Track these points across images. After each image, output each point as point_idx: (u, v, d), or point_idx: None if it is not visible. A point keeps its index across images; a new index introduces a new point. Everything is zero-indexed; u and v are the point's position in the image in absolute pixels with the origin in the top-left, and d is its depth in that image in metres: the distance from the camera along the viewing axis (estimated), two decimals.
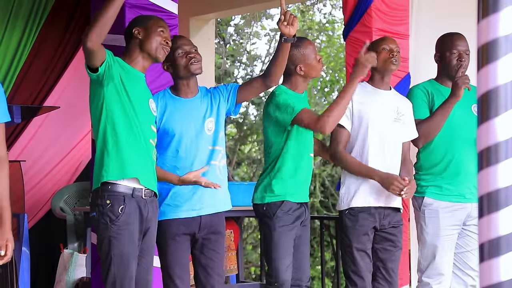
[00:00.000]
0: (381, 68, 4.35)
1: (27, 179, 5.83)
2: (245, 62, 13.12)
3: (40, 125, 6.09)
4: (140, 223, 3.57)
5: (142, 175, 3.57)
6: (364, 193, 4.27)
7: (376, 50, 4.33)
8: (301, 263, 4.20)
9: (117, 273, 3.51)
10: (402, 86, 4.88)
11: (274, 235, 4.08)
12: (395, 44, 4.38)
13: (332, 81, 12.75)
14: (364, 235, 4.27)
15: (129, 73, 3.60)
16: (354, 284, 4.27)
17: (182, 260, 3.82)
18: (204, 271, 3.86)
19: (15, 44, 5.75)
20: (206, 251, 3.86)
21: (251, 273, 11.95)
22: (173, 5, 4.57)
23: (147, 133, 3.62)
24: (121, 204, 3.52)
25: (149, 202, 3.60)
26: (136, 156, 3.56)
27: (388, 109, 4.36)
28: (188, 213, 3.83)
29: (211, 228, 3.87)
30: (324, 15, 13.18)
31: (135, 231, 3.54)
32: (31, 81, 5.91)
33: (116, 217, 3.51)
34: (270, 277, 4.11)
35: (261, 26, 12.65)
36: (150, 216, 3.61)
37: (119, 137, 3.54)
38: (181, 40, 3.92)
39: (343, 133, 4.30)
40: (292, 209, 4.12)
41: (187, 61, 3.85)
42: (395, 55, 4.32)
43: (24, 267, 5.21)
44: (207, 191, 3.82)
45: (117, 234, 3.51)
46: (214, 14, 7.19)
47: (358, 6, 5.02)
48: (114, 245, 3.51)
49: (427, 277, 4.44)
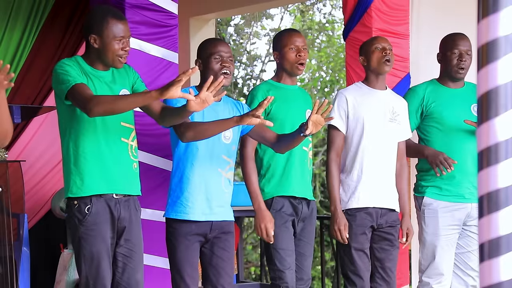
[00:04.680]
0: (374, 68, 4.34)
1: (27, 179, 5.83)
2: (245, 62, 13.13)
3: (40, 125, 6.08)
4: (111, 223, 3.54)
5: (106, 185, 3.52)
6: (361, 194, 4.27)
7: (368, 50, 4.33)
8: (301, 263, 4.18)
9: (88, 273, 3.50)
10: (402, 86, 4.88)
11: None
12: (387, 43, 4.37)
13: (332, 81, 12.75)
14: (362, 235, 4.26)
15: (88, 76, 3.55)
16: (353, 284, 4.27)
17: (193, 259, 3.78)
18: (215, 270, 3.82)
19: (15, 44, 5.75)
20: (217, 250, 3.82)
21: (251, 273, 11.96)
22: (173, 5, 4.56)
23: (116, 133, 3.56)
24: (88, 204, 3.50)
25: (121, 201, 3.57)
26: (99, 167, 3.51)
27: (383, 109, 4.35)
28: (199, 217, 3.78)
29: (222, 228, 3.84)
30: (324, 15, 13.19)
31: (106, 230, 3.51)
32: (31, 81, 5.91)
33: (83, 217, 3.49)
34: (275, 280, 4.07)
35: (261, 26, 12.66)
36: (123, 215, 3.57)
37: (79, 151, 3.51)
38: (222, 46, 3.83)
39: (337, 136, 4.30)
40: (285, 206, 4.08)
41: (220, 69, 3.80)
42: (388, 53, 4.31)
43: (24, 267, 5.21)
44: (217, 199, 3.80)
45: (85, 234, 3.49)
46: (214, 14, 7.19)
47: (358, 6, 5.02)
48: (83, 246, 3.50)
49: (427, 277, 4.44)
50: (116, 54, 3.52)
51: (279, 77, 4.23)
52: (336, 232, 4.20)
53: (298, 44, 4.16)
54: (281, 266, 4.05)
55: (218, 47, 3.81)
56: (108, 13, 3.58)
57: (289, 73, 4.20)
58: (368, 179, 4.27)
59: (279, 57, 4.20)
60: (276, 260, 4.05)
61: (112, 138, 3.56)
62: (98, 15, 3.58)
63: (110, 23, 3.53)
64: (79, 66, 3.55)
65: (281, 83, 4.22)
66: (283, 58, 4.18)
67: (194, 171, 3.77)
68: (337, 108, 4.30)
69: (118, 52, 3.52)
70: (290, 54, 4.15)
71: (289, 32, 4.31)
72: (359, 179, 4.27)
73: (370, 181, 4.27)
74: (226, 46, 3.87)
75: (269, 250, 4.09)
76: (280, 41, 4.20)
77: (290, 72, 4.19)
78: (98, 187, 3.52)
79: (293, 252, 4.10)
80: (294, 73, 4.19)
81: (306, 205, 4.18)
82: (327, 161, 4.31)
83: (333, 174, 4.25)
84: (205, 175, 3.78)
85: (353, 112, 4.30)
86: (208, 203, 3.79)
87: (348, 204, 4.27)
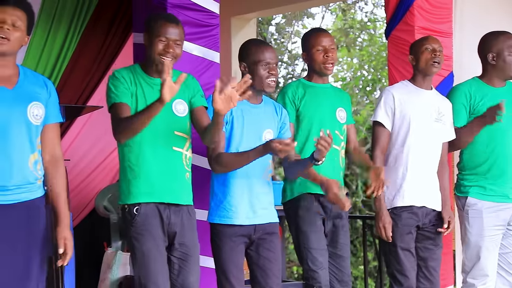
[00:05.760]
0: (422, 69, 4.31)
1: (71, 178, 5.88)
2: (286, 61, 13.12)
3: (84, 124, 6.15)
4: (161, 226, 3.54)
5: (152, 195, 3.53)
6: (406, 192, 4.25)
7: (418, 50, 4.31)
8: (340, 265, 4.15)
9: (139, 272, 3.51)
10: (445, 85, 4.84)
11: (300, 236, 4.05)
12: (438, 44, 4.34)
13: (374, 79, 12.68)
14: (407, 234, 4.25)
15: (141, 85, 3.57)
16: (399, 284, 4.25)
17: (238, 260, 3.78)
18: (262, 271, 3.82)
19: (59, 46, 5.81)
20: (262, 251, 3.82)
21: (293, 272, 11.94)
22: (214, 5, 4.57)
23: (167, 143, 3.55)
24: (136, 206, 3.52)
25: (171, 207, 3.56)
26: (145, 176, 3.52)
27: (429, 109, 4.33)
28: (243, 221, 3.78)
29: (265, 229, 3.84)
30: (365, 13, 13.13)
31: (156, 230, 3.52)
32: (75, 81, 5.97)
33: (133, 218, 3.51)
34: (308, 280, 4.05)
35: (302, 25, 12.63)
36: (174, 221, 3.56)
37: (126, 160, 3.54)
38: (269, 52, 3.83)
39: (383, 134, 4.28)
40: (313, 204, 4.05)
41: (267, 77, 3.80)
42: (438, 55, 4.28)
43: (69, 265, 5.26)
44: (261, 202, 3.80)
45: (136, 233, 3.51)
46: (255, 13, 7.19)
47: (400, 4, 4.98)
48: (135, 246, 3.52)
49: (472, 278, 4.39)
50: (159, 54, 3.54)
51: (310, 77, 4.22)
52: (381, 230, 4.19)
53: (325, 44, 4.13)
54: (313, 266, 4.02)
55: (266, 53, 3.81)
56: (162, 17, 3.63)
57: (318, 73, 4.19)
58: (413, 177, 4.25)
59: (307, 58, 4.18)
60: (308, 260, 4.03)
61: (163, 147, 3.55)
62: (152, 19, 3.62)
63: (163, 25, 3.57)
64: (132, 76, 3.56)
65: (312, 82, 4.21)
66: (311, 59, 4.16)
67: (236, 174, 3.77)
68: (383, 105, 4.28)
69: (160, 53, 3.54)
70: (317, 55, 4.13)
71: (316, 32, 4.26)
72: (404, 177, 4.25)
73: (414, 180, 4.25)
74: (273, 52, 3.86)
75: (301, 250, 4.07)
76: (308, 42, 4.18)
77: (319, 72, 4.18)
78: (143, 197, 3.53)
79: (325, 251, 4.07)
80: (323, 73, 4.17)
81: None
82: (371, 158, 4.29)
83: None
84: (247, 177, 3.79)
85: (399, 110, 4.27)
86: (251, 206, 3.79)
87: (393, 202, 4.26)
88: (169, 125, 3.55)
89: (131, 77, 3.56)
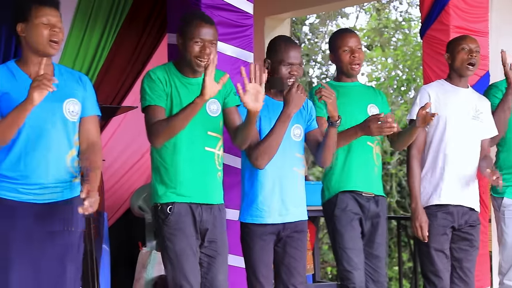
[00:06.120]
0: (457, 68, 4.29)
1: (106, 178, 5.92)
2: (320, 62, 13.08)
3: (119, 125, 6.18)
4: (193, 224, 3.54)
5: (184, 195, 3.53)
6: (442, 191, 4.22)
7: (454, 49, 4.28)
8: (376, 265, 4.13)
9: (172, 273, 3.51)
10: (481, 84, 4.80)
11: (336, 236, 4.04)
12: (475, 44, 4.30)
13: (409, 79, 12.60)
14: (442, 235, 4.22)
15: (176, 86, 3.57)
16: (433, 285, 4.22)
17: (268, 260, 3.79)
18: (287, 269, 3.82)
19: (95, 45, 5.85)
20: (289, 249, 3.82)
21: (328, 273, 11.91)
22: (248, 5, 4.58)
23: (200, 143, 3.56)
24: (169, 205, 3.53)
25: (203, 206, 3.57)
26: (177, 177, 3.52)
27: (466, 107, 4.30)
28: (275, 219, 3.79)
29: (295, 227, 3.85)
30: (400, 13, 13.05)
31: (189, 229, 3.53)
32: (110, 81, 6.00)
33: (166, 217, 3.52)
34: (342, 280, 4.04)
35: (336, 25, 12.58)
36: (206, 218, 3.57)
37: (159, 159, 3.55)
38: (295, 52, 3.83)
39: (419, 133, 4.25)
40: (350, 204, 4.03)
41: (288, 77, 3.81)
42: (474, 56, 4.25)
43: (104, 264, 5.30)
44: (293, 200, 3.80)
45: (169, 233, 3.52)
46: (289, 13, 7.19)
47: (435, 3, 4.95)
48: (168, 246, 3.53)
49: (508, 280, 4.36)
50: (194, 55, 3.55)
51: (339, 78, 4.22)
52: (417, 229, 4.16)
53: (351, 45, 4.12)
54: (348, 267, 4.01)
55: (290, 53, 3.82)
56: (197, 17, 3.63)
57: (346, 74, 4.18)
58: (450, 176, 4.22)
59: (335, 59, 4.18)
60: (343, 260, 4.02)
61: (195, 147, 3.55)
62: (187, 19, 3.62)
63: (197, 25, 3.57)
64: (167, 76, 3.57)
65: (341, 82, 4.20)
66: (338, 60, 4.16)
67: (267, 172, 3.77)
68: (419, 103, 4.26)
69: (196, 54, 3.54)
70: (344, 56, 4.13)
71: (342, 33, 4.25)
72: (441, 175, 4.22)
73: (451, 178, 4.22)
74: (298, 52, 3.86)
75: (336, 250, 4.06)
76: (334, 43, 4.18)
77: (346, 73, 4.17)
78: (176, 196, 3.54)
79: (361, 252, 4.05)
80: (350, 74, 4.17)
81: (374, 203, 4.11)
82: (408, 157, 4.27)
83: (414, 170, 4.21)
84: (279, 175, 3.79)
85: (435, 108, 4.25)
86: (283, 204, 3.80)
87: (430, 200, 4.23)
88: (203, 126, 3.56)
89: (166, 77, 3.57)
